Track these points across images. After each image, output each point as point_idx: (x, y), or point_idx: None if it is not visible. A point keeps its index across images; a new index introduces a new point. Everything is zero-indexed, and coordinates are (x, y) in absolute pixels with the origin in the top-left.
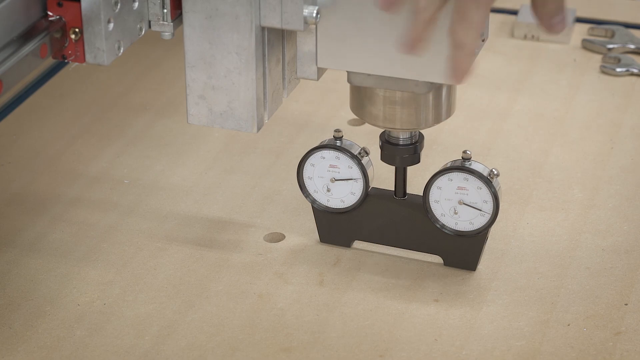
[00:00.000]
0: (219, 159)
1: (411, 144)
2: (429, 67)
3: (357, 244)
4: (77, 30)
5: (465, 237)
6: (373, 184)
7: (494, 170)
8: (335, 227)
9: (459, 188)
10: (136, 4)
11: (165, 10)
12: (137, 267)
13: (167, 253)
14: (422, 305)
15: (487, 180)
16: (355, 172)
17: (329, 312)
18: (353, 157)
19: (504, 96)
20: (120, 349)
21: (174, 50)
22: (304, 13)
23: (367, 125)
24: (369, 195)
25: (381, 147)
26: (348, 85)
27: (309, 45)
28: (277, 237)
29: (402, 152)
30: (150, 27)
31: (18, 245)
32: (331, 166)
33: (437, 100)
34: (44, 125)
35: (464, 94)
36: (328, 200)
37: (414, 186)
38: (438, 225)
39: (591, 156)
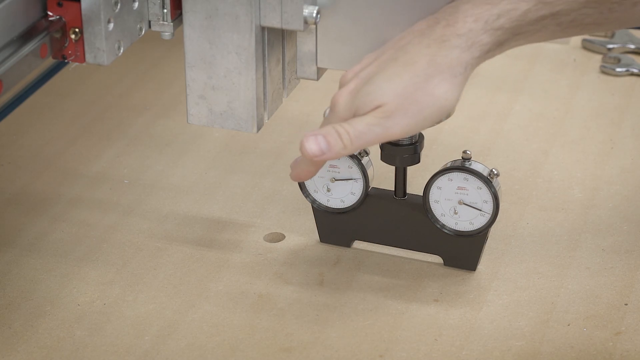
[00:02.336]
0: (219, 159)
1: (411, 144)
2: None
3: (357, 244)
4: (77, 30)
5: (465, 237)
6: (373, 184)
7: (494, 170)
8: (335, 227)
9: (459, 188)
10: (136, 4)
11: (165, 10)
12: (137, 267)
13: (167, 253)
14: (422, 305)
15: (487, 180)
16: (355, 172)
17: (329, 312)
18: (353, 157)
19: (504, 96)
20: (120, 349)
21: (174, 50)
22: (304, 13)
23: None
24: (369, 195)
25: (381, 147)
26: None
27: (309, 45)
28: (277, 237)
29: (402, 152)
30: (150, 27)
31: (18, 245)
32: (331, 166)
33: None
34: (44, 125)
35: (464, 94)
36: (328, 200)
37: (414, 186)
38: (438, 225)
39: (591, 156)
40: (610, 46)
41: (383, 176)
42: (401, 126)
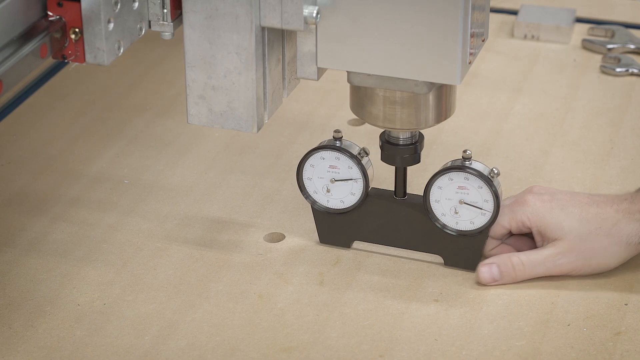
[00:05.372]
0: (219, 159)
1: (411, 144)
2: (429, 67)
3: (357, 244)
4: (77, 30)
5: (466, 237)
6: (373, 184)
7: (494, 169)
8: (335, 227)
9: (460, 187)
10: (136, 4)
11: (165, 10)
12: (137, 267)
13: (167, 253)
14: (422, 305)
15: (488, 180)
16: (355, 172)
17: (329, 312)
18: (353, 157)
19: (504, 96)
20: (120, 349)
21: (174, 50)
22: (304, 13)
23: (367, 125)
24: (369, 195)
25: (381, 147)
26: (348, 85)
27: (309, 45)
28: (277, 237)
29: (402, 152)
30: (150, 27)
31: (18, 245)
32: (331, 167)
33: (437, 100)
34: (44, 125)
35: (464, 94)
36: (328, 201)
37: (414, 186)
38: (439, 225)
39: (591, 156)
40: (610, 46)
41: (383, 176)
42: (570, 266)
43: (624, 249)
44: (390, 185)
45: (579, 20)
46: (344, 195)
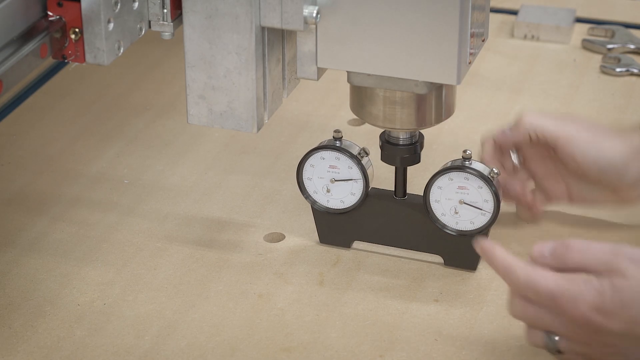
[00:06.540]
0: (219, 159)
1: (411, 144)
2: (429, 67)
3: (357, 244)
4: (77, 30)
5: (466, 237)
6: (373, 184)
7: (494, 169)
8: (335, 227)
9: (460, 187)
10: (136, 4)
11: (165, 10)
12: (137, 267)
13: (167, 253)
14: (422, 305)
15: (488, 180)
16: (355, 172)
17: (329, 312)
18: (353, 157)
19: (504, 96)
20: (120, 349)
21: (174, 50)
22: (304, 13)
23: (367, 125)
24: (369, 195)
25: (381, 147)
26: (348, 85)
27: (309, 45)
28: (277, 237)
29: (402, 152)
30: (150, 27)
31: (18, 245)
32: (331, 167)
33: (437, 100)
34: (44, 125)
35: (464, 94)
36: (328, 201)
37: (414, 186)
38: (439, 225)
39: None
40: (610, 46)
41: (383, 176)
42: (580, 141)
43: (629, 149)
44: (390, 185)
45: (579, 20)
46: (344, 195)
